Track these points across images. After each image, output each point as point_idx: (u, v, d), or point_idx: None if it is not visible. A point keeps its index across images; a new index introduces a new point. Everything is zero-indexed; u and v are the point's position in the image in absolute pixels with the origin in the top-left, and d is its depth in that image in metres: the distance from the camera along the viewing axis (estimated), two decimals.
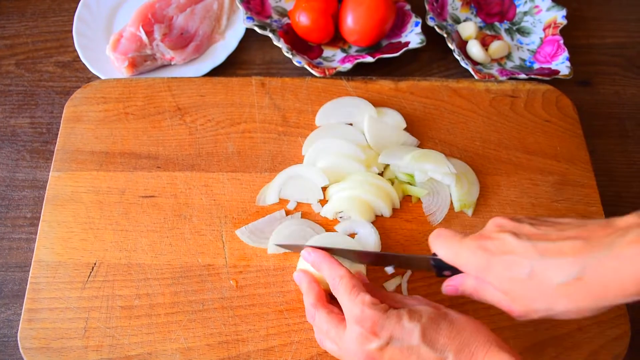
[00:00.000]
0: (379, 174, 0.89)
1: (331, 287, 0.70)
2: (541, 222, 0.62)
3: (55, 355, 0.76)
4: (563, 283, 0.56)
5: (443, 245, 0.67)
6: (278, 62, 1.09)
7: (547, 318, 0.60)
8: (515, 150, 0.92)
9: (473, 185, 0.88)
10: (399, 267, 0.80)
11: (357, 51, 1.08)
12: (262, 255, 0.83)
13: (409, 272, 0.83)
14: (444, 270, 0.70)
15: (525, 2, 1.12)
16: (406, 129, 0.93)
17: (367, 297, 0.65)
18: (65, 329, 0.78)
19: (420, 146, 0.92)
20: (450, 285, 0.69)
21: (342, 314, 0.68)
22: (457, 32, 1.10)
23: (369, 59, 1.01)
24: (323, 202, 0.88)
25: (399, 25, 1.08)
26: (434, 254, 0.69)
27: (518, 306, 0.61)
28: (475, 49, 1.06)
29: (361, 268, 0.80)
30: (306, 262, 0.76)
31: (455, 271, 0.68)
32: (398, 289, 0.82)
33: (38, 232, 0.84)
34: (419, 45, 1.03)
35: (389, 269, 0.82)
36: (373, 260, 0.79)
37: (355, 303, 0.65)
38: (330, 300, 0.72)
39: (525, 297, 0.59)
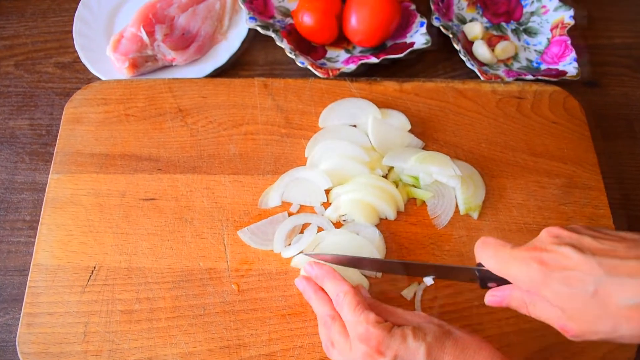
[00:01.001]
0: (383, 176, 0.88)
1: (334, 303, 0.70)
2: (604, 235, 0.57)
3: None
4: (632, 305, 0.52)
5: (491, 256, 0.63)
6: (281, 63, 1.08)
7: (607, 341, 0.56)
8: (521, 153, 0.91)
9: (479, 188, 0.87)
10: (439, 277, 0.78)
11: (361, 52, 1.07)
12: (264, 258, 0.83)
13: (428, 281, 0.81)
14: (489, 281, 0.66)
15: (532, 2, 1.11)
16: (411, 131, 0.92)
17: (372, 315, 0.64)
18: (64, 333, 0.77)
19: (425, 148, 0.91)
20: (495, 296, 0.65)
21: None
22: (463, 32, 1.09)
23: (373, 60, 1.00)
24: (326, 204, 0.87)
25: (404, 25, 1.07)
26: (479, 264, 0.66)
27: (576, 325, 0.56)
28: (481, 50, 1.05)
29: (364, 282, 0.80)
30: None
31: (500, 282, 0.64)
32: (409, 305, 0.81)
33: (37, 235, 0.84)
34: (424, 46, 1.02)
35: (428, 280, 0.80)
36: (411, 271, 0.78)
37: (359, 321, 0.64)
38: None
39: (587, 317, 0.55)
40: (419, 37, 1.04)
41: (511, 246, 0.61)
